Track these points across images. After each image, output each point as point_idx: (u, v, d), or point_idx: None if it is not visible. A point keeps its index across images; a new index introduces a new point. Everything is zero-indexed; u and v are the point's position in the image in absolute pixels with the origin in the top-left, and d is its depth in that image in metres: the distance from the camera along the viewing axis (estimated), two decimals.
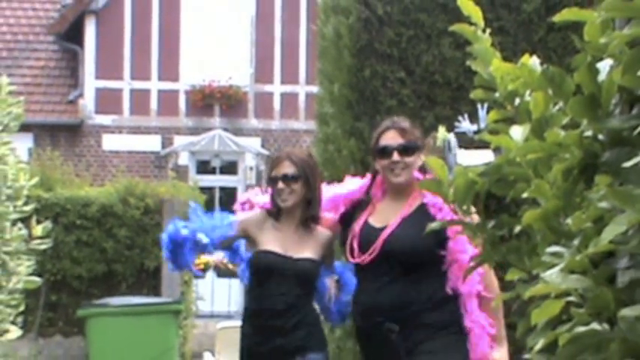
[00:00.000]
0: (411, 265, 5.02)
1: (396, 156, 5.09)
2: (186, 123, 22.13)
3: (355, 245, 5.14)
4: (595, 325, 2.16)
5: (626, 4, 1.99)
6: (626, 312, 1.95)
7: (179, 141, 21.91)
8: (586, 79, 2.23)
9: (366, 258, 5.08)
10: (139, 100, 21.96)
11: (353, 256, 5.16)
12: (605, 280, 2.14)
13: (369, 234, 5.14)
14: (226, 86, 21.93)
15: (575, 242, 2.21)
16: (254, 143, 21.98)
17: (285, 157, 5.44)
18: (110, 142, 21.85)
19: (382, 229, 5.13)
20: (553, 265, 2.25)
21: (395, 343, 4.99)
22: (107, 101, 21.83)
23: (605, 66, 2.20)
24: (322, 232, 5.45)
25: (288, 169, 5.35)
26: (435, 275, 5.01)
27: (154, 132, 21.97)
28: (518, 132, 2.46)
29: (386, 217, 5.17)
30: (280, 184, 5.33)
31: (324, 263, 5.41)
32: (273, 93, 22.32)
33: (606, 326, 2.13)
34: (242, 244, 5.53)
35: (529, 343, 2.58)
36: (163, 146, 21.98)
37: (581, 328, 2.19)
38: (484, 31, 2.90)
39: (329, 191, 5.48)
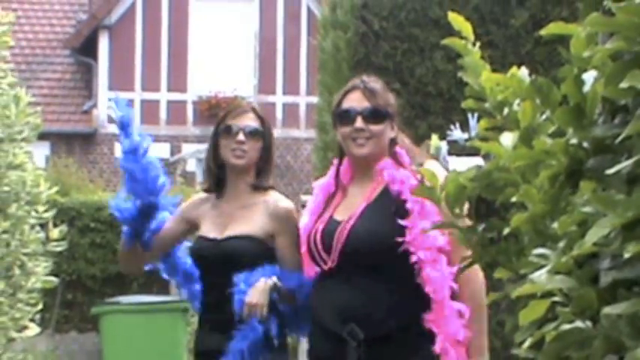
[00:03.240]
0: (375, 264, 3.80)
1: (359, 122, 3.89)
2: (193, 132, 22.13)
3: (320, 247, 3.90)
4: (579, 323, 2.15)
5: (609, 19, 1.99)
6: (609, 310, 1.95)
7: (187, 149, 21.90)
8: (572, 90, 2.23)
9: (329, 263, 3.86)
10: (149, 110, 21.96)
11: (319, 262, 3.92)
12: (588, 281, 2.13)
13: (331, 231, 3.89)
14: (231, 97, 21.92)
15: (561, 244, 2.21)
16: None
17: (248, 108, 4.23)
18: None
19: (344, 221, 3.91)
20: (539, 267, 2.24)
21: (354, 355, 3.73)
22: None
23: (589, 78, 2.20)
24: (272, 198, 4.13)
25: (252, 121, 4.16)
26: (405, 275, 3.79)
27: (163, 140, 21.96)
28: (508, 139, 2.47)
29: (351, 205, 3.95)
30: (241, 136, 4.09)
31: (276, 240, 4.06)
32: (275, 103, 22.32)
33: (589, 324, 2.13)
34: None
35: (517, 339, 2.58)
36: (172, 153, 21.97)
37: (566, 326, 2.19)
38: (474, 44, 2.90)
39: (309, 200, 4.18)
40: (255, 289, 3.88)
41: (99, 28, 21.75)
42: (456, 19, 2.88)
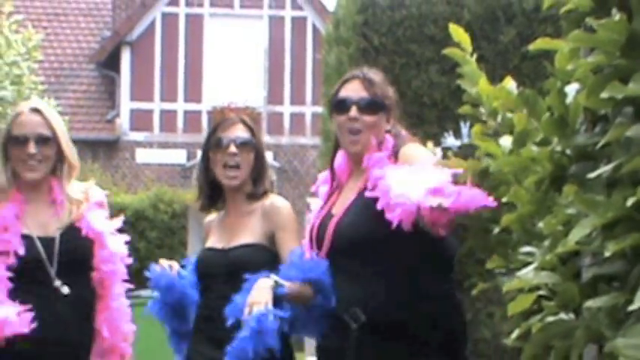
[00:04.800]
0: (363, 255, 3.36)
1: (353, 112, 3.42)
2: None
3: (314, 242, 3.49)
4: (562, 316, 2.16)
5: (590, 35, 1.99)
6: (590, 304, 1.95)
7: None
8: (556, 102, 2.23)
9: (321, 255, 3.45)
10: (168, 119, 21.98)
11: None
12: (571, 276, 2.13)
13: (323, 226, 3.49)
14: (243, 107, 21.91)
15: (546, 243, 2.21)
16: (267, 156, 21.95)
17: (237, 119, 3.79)
18: (142, 156, 21.86)
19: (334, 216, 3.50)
20: (527, 263, 2.25)
21: (354, 338, 3.30)
22: (140, 120, 21.85)
23: (571, 90, 2.21)
24: (268, 200, 3.68)
25: (242, 132, 3.73)
26: (394, 263, 3.32)
27: (180, 147, 21.97)
28: (507, 141, 2.50)
29: (345, 200, 3.51)
30: (232, 148, 3.64)
31: (274, 244, 3.60)
32: (283, 113, 22.33)
33: (572, 316, 2.13)
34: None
35: (506, 329, 2.58)
36: (188, 159, 21.97)
37: (551, 318, 2.19)
38: (472, 54, 2.92)
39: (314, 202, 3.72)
40: (256, 288, 3.34)
41: (121, 44, 21.77)
42: (456, 31, 2.91)
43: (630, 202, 1.82)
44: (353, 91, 3.50)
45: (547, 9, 2.29)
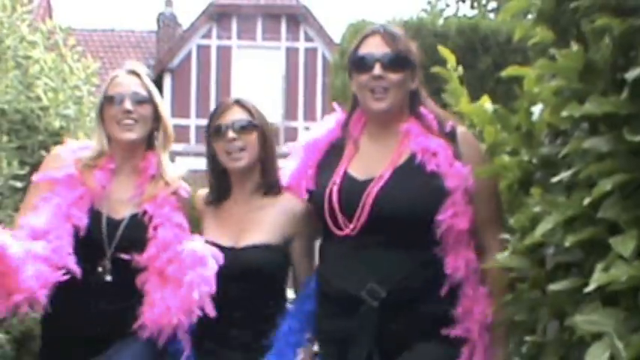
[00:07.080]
0: (407, 233, 2.54)
1: (377, 69, 2.62)
2: None
3: (337, 207, 2.62)
4: (531, 295, 2.16)
5: (553, 64, 2.00)
6: (553, 286, 1.95)
7: None
8: (524, 119, 2.24)
9: (352, 228, 2.59)
10: (202, 133, 21.99)
11: (336, 225, 2.62)
12: (538, 263, 2.14)
13: (352, 190, 2.62)
14: None
15: (517, 236, 2.22)
16: (284, 164, 21.99)
17: (232, 102, 2.95)
18: (181, 163, 21.91)
19: (367, 182, 2.62)
20: (503, 249, 2.27)
21: (373, 316, 2.53)
22: (179, 133, 21.75)
23: (537, 109, 2.22)
24: (286, 200, 2.83)
25: (239, 114, 2.89)
26: (430, 242, 2.56)
27: None
28: None
29: (370, 164, 2.67)
30: (230, 134, 2.84)
31: (292, 244, 2.80)
32: (297, 127, 22.35)
33: (539, 295, 2.13)
34: None
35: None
36: None
37: (521, 297, 2.20)
38: (456, 70, 2.95)
39: (305, 137, 2.94)
40: None
41: (164, 71, 21.83)
42: (444, 52, 2.94)
43: (586, 201, 1.82)
44: (375, 46, 2.66)
45: (517, 41, 2.30)
